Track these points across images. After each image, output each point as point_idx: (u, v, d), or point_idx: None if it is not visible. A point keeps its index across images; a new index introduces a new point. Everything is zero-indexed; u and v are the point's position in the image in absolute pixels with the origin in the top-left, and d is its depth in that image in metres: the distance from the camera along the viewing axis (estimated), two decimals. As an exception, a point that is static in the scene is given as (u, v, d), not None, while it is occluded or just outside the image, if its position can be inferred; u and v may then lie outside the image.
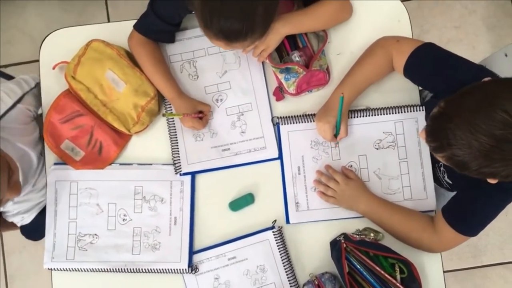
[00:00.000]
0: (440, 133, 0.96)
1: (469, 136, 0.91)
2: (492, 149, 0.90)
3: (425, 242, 1.26)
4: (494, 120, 0.89)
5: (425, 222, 1.27)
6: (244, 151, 1.36)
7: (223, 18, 1.06)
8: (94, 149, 1.37)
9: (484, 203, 1.17)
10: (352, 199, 1.30)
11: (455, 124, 0.93)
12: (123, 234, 1.34)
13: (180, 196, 1.34)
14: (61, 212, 1.36)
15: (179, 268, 1.31)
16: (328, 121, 1.28)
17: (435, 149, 0.99)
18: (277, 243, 1.32)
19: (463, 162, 0.95)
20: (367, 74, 1.29)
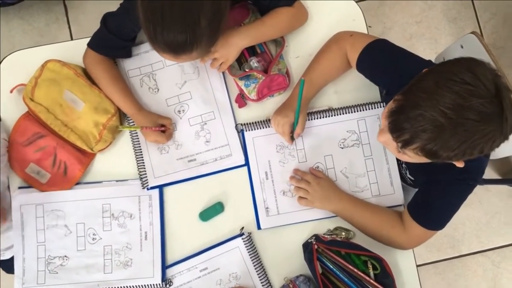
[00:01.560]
0: (406, 124, 0.95)
1: (436, 115, 0.90)
2: (460, 124, 0.90)
3: (395, 239, 1.27)
4: (455, 93, 0.90)
5: (394, 220, 1.28)
6: (210, 160, 1.35)
7: (166, 31, 1.06)
8: (60, 170, 1.36)
9: (445, 196, 1.19)
10: (325, 197, 1.31)
11: (420, 109, 0.92)
12: (93, 253, 1.33)
13: (149, 211, 1.33)
14: (28, 236, 1.34)
15: (153, 283, 1.30)
16: (286, 115, 1.28)
17: (406, 143, 0.97)
18: (248, 249, 1.31)
19: (435, 149, 0.94)
20: (324, 69, 1.30)
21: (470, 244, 2.30)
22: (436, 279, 2.29)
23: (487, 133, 0.91)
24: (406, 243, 1.26)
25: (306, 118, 1.32)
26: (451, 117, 0.90)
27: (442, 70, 0.96)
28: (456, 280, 2.28)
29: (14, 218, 1.35)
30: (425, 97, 0.93)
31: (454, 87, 0.90)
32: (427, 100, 0.92)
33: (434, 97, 0.91)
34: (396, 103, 0.98)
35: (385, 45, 1.25)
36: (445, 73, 0.94)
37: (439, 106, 0.90)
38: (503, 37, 2.41)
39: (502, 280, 2.28)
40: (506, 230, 2.30)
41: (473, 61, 0.95)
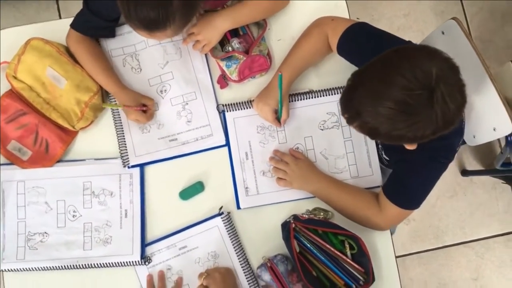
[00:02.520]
0: (349, 104, 1.01)
1: (374, 103, 0.96)
2: (395, 113, 0.94)
3: (371, 219, 1.28)
4: (393, 85, 0.93)
5: (370, 200, 1.29)
6: (191, 140, 1.37)
7: (139, 7, 1.07)
8: (41, 148, 1.36)
9: (418, 174, 1.21)
10: (303, 178, 1.32)
11: (361, 93, 0.98)
12: (73, 230, 1.34)
13: (130, 189, 1.34)
14: (9, 213, 1.35)
15: (132, 260, 1.31)
16: (268, 103, 1.31)
17: (348, 120, 1.04)
18: (227, 228, 1.32)
19: (373, 128, 0.99)
20: (305, 54, 1.32)
21: (454, 235, 2.32)
22: (420, 269, 2.31)
23: (412, 124, 0.95)
24: (382, 223, 1.27)
25: (288, 103, 1.33)
26: (386, 106, 0.94)
27: (387, 58, 0.99)
28: (440, 270, 2.30)
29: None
30: (367, 83, 0.98)
31: (390, 77, 0.94)
32: (367, 86, 0.98)
33: (373, 85, 0.97)
34: (347, 83, 1.03)
35: (365, 28, 1.27)
36: (388, 61, 0.98)
37: (376, 94, 0.96)
38: (489, 31, 2.43)
39: (485, 271, 2.30)
40: (490, 221, 2.33)
41: (419, 50, 0.98)
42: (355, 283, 1.27)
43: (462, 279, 2.29)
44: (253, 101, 1.35)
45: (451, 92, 0.93)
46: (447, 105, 0.93)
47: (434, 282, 2.29)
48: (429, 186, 1.21)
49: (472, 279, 2.29)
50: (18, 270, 1.32)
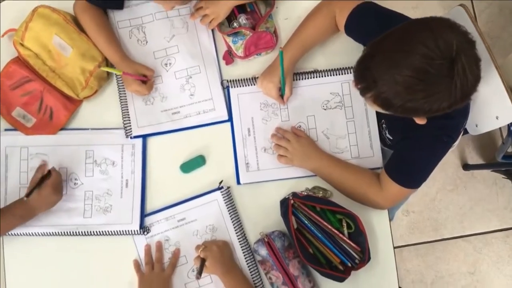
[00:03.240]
0: (365, 72, 1.00)
1: (392, 71, 0.95)
2: (413, 81, 0.93)
3: (372, 198, 1.29)
4: (413, 53, 0.93)
5: (371, 179, 1.29)
6: (193, 113, 1.37)
7: None
8: (45, 115, 1.37)
9: (420, 152, 1.21)
10: (304, 156, 1.32)
11: (378, 61, 0.97)
12: (74, 198, 1.35)
13: (131, 159, 1.35)
14: (11, 178, 1.36)
15: (131, 229, 1.32)
16: (272, 80, 1.31)
17: (363, 90, 1.03)
18: (226, 203, 1.33)
19: (388, 99, 0.98)
20: (311, 32, 1.32)
21: (453, 229, 2.32)
22: (417, 261, 2.31)
23: (430, 94, 0.94)
24: (383, 202, 1.28)
25: (292, 80, 1.34)
26: (405, 74, 0.93)
27: (407, 28, 0.99)
28: (437, 263, 2.30)
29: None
30: (385, 51, 0.97)
31: (410, 45, 0.93)
32: (386, 54, 0.97)
33: (393, 53, 0.95)
34: (362, 53, 1.03)
35: (373, 7, 1.27)
36: (408, 30, 0.98)
37: (395, 62, 0.94)
38: (498, 27, 2.42)
39: (482, 266, 2.30)
40: (489, 216, 2.33)
41: (440, 22, 0.97)
42: (351, 261, 1.28)
43: (459, 273, 2.29)
44: (258, 79, 1.35)
45: (470, 65, 0.92)
46: (466, 77, 0.92)
47: (431, 274, 2.29)
48: (431, 166, 1.21)
49: (469, 273, 2.29)
50: (18, 235, 1.33)
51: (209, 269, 1.24)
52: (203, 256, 1.24)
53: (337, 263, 1.28)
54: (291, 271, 1.27)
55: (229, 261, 1.29)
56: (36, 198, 1.26)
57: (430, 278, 2.29)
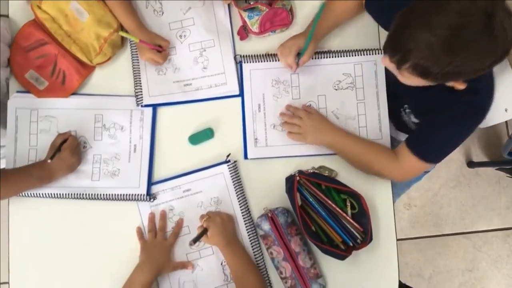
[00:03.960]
0: (400, 42, 0.97)
1: (427, 34, 0.92)
2: (451, 40, 0.91)
3: (388, 169, 1.28)
4: (448, 12, 0.90)
5: (387, 151, 1.30)
6: (205, 86, 1.38)
7: None
8: (58, 79, 1.38)
9: (445, 128, 1.18)
10: (317, 131, 1.32)
11: (412, 28, 0.94)
12: (82, 161, 1.35)
13: (140, 125, 1.36)
14: (21, 139, 1.37)
15: (138, 193, 1.33)
16: (297, 39, 1.29)
17: (399, 61, 0.99)
18: (232, 176, 1.34)
19: (426, 66, 0.95)
20: (336, 10, 1.31)
21: (454, 225, 2.33)
22: (416, 255, 2.31)
23: (472, 52, 0.92)
24: (399, 174, 1.28)
25: (314, 49, 1.32)
26: (442, 35, 0.91)
27: None
28: (436, 258, 2.31)
29: (8, 121, 1.38)
30: (418, 16, 0.94)
31: (446, 6, 0.91)
32: (419, 19, 0.94)
33: (426, 16, 0.93)
34: (393, 24, 1.00)
35: None
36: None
37: (429, 24, 0.92)
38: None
39: (481, 264, 2.31)
40: (491, 215, 2.33)
41: None
42: (353, 241, 1.28)
43: (457, 269, 2.29)
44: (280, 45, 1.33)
45: (507, 20, 0.90)
46: (506, 32, 0.89)
47: (429, 269, 2.30)
48: (453, 142, 1.19)
49: (467, 270, 2.30)
50: (26, 196, 1.34)
51: (210, 240, 1.25)
52: (206, 225, 1.25)
53: (339, 242, 1.29)
54: (293, 247, 1.28)
55: (231, 234, 1.29)
56: (56, 161, 1.28)
57: (428, 273, 2.30)
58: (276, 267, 1.31)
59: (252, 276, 1.24)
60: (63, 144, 1.29)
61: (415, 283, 2.24)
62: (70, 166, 1.29)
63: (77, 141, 1.33)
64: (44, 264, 1.35)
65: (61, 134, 1.33)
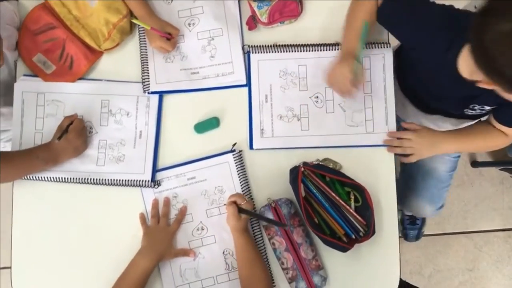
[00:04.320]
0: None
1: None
2: None
3: (503, 145, 1.33)
4: None
5: (494, 132, 1.31)
6: (212, 75, 1.38)
7: None
8: (66, 64, 1.38)
9: None
10: (431, 145, 1.35)
11: None
12: (88, 145, 1.36)
13: (146, 111, 1.36)
14: (27, 123, 1.37)
15: (142, 179, 1.33)
16: (348, 64, 1.23)
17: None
18: (237, 166, 1.34)
19: None
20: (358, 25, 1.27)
21: (456, 224, 2.32)
22: (417, 253, 2.31)
23: None
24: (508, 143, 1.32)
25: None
26: None
27: None
28: (436, 256, 2.31)
29: (15, 104, 1.38)
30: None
31: None
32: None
33: None
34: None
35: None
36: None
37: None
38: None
39: (482, 264, 2.30)
40: (493, 215, 2.32)
41: None
42: (355, 233, 1.28)
43: (458, 268, 2.29)
44: (328, 68, 1.29)
45: None
46: None
47: (429, 267, 2.29)
48: None
49: (467, 270, 2.29)
50: (30, 179, 1.34)
51: (237, 221, 1.25)
52: (244, 207, 1.25)
53: (341, 234, 1.29)
54: (295, 238, 1.28)
55: (248, 222, 1.30)
56: (62, 142, 1.28)
57: (428, 271, 2.30)
58: (277, 258, 1.31)
59: (259, 263, 1.25)
60: (69, 126, 1.28)
61: (415, 281, 2.24)
62: (76, 148, 1.29)
63: (84, 123, 1.33)
64: (46, 248, 1.36)
65: (68, 117, 1.33)
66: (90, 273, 1.33)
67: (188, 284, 1.30)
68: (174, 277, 1.30)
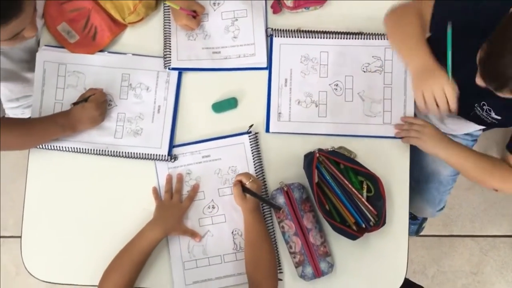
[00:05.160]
0: (495, 72, 0.96)
1: None
2: None
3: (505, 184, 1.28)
4: None
5: (503, 166, 1.27)
6: (233, 55, 1.38)
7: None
8: (89, 34, 1.39)
9: None
10: (437, 140, 1.30)
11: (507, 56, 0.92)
12: (107, 118, 1.37)
13: (165, 86, 1.37)
14: (47, 93, 1.38)
15: (159, 153, 1.34)
16: (438, 81, 1.12)
17: (497, 88, 0.98)
18: (252, 147, 1.34)
19: None
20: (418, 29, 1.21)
21: (463, 227, 2.31)
22: (421, 252, 2.30)
23: None
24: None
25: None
26: None
27: None
28: (441, 258, 2.30)
29: (36, 73, 1.39)
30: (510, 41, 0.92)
31: None
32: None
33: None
34: (484, 52, 0.98)
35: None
36: None
37: None
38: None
39: (486, 268, 2.29)
40: (502, 221, 2.31)
41: None
42: (365, 222, 1.28)
43: (461, 271, 2.28)
44: (413, 87, 1.19)
45: None
46: None
47: (433, 267, 2.29)
48: None
49: (471, 273, 2.28)
50: (49, 149, 1.36)
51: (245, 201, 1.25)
52: (249, 186, 1.25)
53: (352, 222, 1.29)
54: (305, 223, 1.29)
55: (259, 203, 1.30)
56: (80, 110, 1.29)
57: (432, 271, 2.29)
58: (286, 241, 1.31)
59: (266, 245, 1.25)
60: (91, 97, 1.29)
61: (418, 280, 2.23)
62: (93, 118, 1.30)
63: (105, 97, 1.34)
64: (58, 218, 1.37)
65: (92, 89, 1.34)
66: (99, 244, 1.34)
67: (195, 260, 1.31)
68: (182, 252, 1.31)
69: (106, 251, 1.27)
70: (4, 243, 2.28)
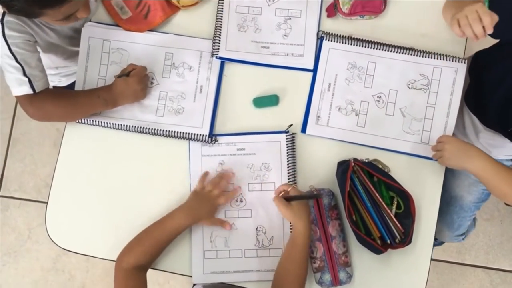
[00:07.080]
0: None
1: None
2: None
3: None
4: None
5: None
6: (281, 53, 1.38)
7: None
8: (142, 12, 1.40)
9: None
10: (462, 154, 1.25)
11: None
12: (149, 96, 1.37)
13: (208, 67, 1.37)
14: (91, 68, 1.39)
15: (200, 133, 1.34)
16: (472, 6, 1.08)
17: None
18: (287, 147, 1.34)
19: None
20: None
21: (476, 257, 2.29)
22: (431, 277, 2.28)
23: None
24: None
25: None
26: None
27: None
28: (450, 285, 2.28)
29: (81, 48, 1.40)
30: None
31: None
32: None
33: None
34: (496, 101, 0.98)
35: None
36: None
37: None
38: None
39: (494, 302, 2.27)
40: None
41: None
42: (391, 239, 1.27)
43: (468, 301, 2.26)
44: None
45: None
46: None
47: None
48: None
49: (478, 304, 2.26)
50: (84, 123, 1.37)
51: (284, 210, 1.23)
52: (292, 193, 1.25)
53: (377, 236, 1.28)
54: (330, 230, 1.28)
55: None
56: (122, 84, 1.30)
57: (439, 297, 2.27)
58: (308, 245, 1.30)
59: (304, 270, 1.22)
60: (132, 71, 1.30)
61: (424, 304, 2.22)
62: (135, 93, 1.30)
63: (146, 71, 1.34)
64: (85, 188, 1.38)
65: (132, 64, 1.34)
66: (122, 221, 1.35)
67: (216, 251, 1.31)
68: (204, 241, 1.31)
69: (128, 228, 1.28)
70: (21, 205, 2.30)
